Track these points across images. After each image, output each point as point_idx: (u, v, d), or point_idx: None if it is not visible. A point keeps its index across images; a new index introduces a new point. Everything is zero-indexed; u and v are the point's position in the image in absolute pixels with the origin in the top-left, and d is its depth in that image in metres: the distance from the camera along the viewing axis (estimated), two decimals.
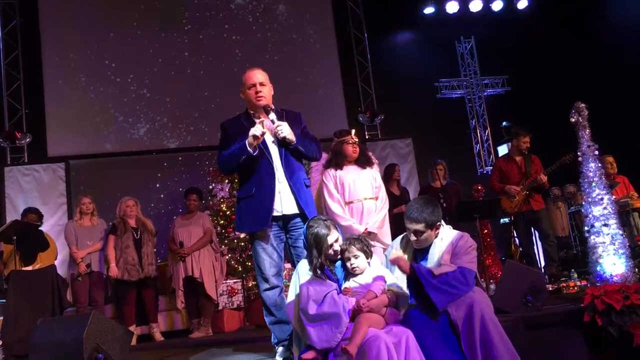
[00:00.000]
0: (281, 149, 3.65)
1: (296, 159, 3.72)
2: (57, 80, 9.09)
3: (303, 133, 3.79)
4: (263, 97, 3.68)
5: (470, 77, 11.19)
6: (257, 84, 3.69)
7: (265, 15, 10.12)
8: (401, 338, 2.85)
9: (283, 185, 3.61)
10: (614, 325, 3.64)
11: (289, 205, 3.61)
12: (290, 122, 3.68)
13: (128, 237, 6.30)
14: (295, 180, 3.65)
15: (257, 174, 3.63)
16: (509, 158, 6.80)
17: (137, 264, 6.22)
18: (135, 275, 6.19)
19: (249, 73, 3.74)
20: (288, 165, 3.65)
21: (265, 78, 3.74)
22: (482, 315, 2.90)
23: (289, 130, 3.57)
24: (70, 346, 3.48)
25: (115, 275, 6.17)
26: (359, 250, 3.15)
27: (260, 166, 3.62)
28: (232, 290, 6.93)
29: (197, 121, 9.48)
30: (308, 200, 3.68)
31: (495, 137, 10.90)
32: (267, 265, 3.61)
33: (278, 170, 3.62)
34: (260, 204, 3.59)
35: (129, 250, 6.23)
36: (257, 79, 3.70)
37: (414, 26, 11.02)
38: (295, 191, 3.61)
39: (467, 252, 3.15)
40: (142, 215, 6.63)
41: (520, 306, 4.13)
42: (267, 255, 3.62)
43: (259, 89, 3.68)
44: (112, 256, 6.26)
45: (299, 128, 3.77)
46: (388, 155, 9.68)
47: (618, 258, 4.25)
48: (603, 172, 4.54)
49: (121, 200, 6.57)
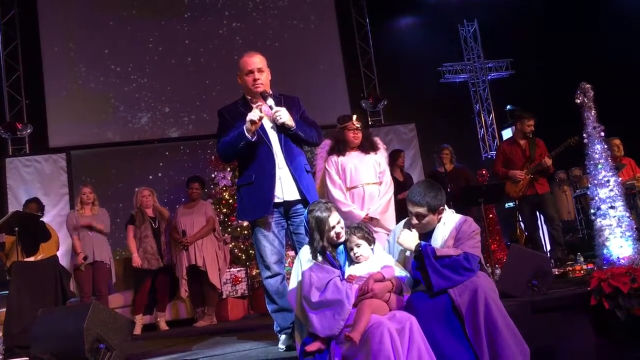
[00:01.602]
0: (280, 135, 3.59)
1: (296, 144, 3.66)
2: (57, 70, 9.05)
3: (302, 118, 3.72)
4: (260, 84, 3.60)
5: (474, 61, 11.09)
6: (254, 70, 3.61)
7: (266, 1, 10.03)
8: (405, 324, 2.81)
9: (283, 171, 3.55)
10: (621, 309, 3.59)
11: (290, 191, 3.55)
12: (289, 107, 3.61)
13: (146, 227, 6.41)
14: (296, 165, 3.59)
15: (257, 160, 3.57)
16: (513, 142, 6.71)
17: (157, 253, 6.34)
18: (155, 264, 6.32)
19: (246, 59, 3.65)
20: (288, 150, 3.58)
21: (263, 63, 3.65)
22: (486, 300, 2.85)
23: (287, 115, 3.50)
24: (71, 336, 3.45)
25: (138, 264, 6.26)
26: (361, 238, 3.12)
27: (259, 152, 3.56)
28: (236, 278, 6.90)
29: (198, 110, 9.43)
30: (309, 186, 3.62)
31: (500, 121, 10.82)
32: (268, 253, 3.57)
33: (278, 156, 3.56)
34: (261, 190, 3.53)
35: (147, 240, 6.34)
36: (254, 64, 3.61)
37: (416, 10, 10.91)
38: (297, 177, 3.55)
39: (471, 236, 3.09)
40: (159, 204, 6.69)
41: (526, 290, 4.09)
42: (268, 243, 3.57)
43: (256, 75, 3.60)
44: (133, 246, 6.37)
45: (298, 113, 3.70)
46: (391, 141, 9.62)
47: (625, 240, 4.21)
48: (609, 153, 4.48)
49: (137, 191, 6.66)
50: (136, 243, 6.37)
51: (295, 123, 3.56)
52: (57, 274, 5.22)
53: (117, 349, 3.58)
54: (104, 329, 3.56)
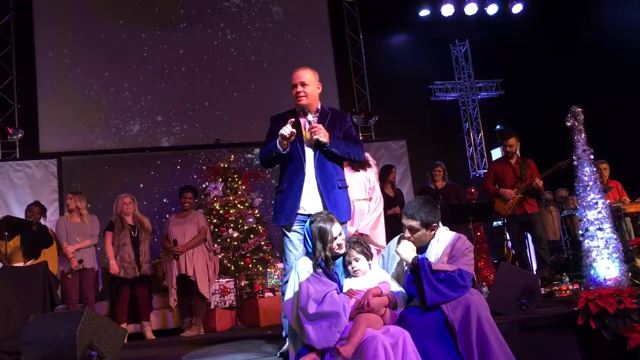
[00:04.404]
0: (316, 150, 3.71)
1: (333, 160, 3.76)
2: (50, 76, 9.02)
3: (345, 134, 3.83)
4: (303, 97, 3.76)
5: (465, 80, 11.23)
6: (297, 83, 3.78)
7: (261, 15, 10.11)
8: (398, 339, 2.85)
9: (312, 186, 3.68)
10: (608, 329, 3.65)
11: (315, 206, 3.65)
12: (333, 122, 3.79)
13: (125, 234, 6.34)
14: (327, 181, 3.69)
15: (291, 171, 3.75)
16: (504, 161, 6.81)
17: (134, 262, 6.26)
18: (132, 273, 6.24)
19: (294, 72, 3.84)
20: (321, 166, 3.70)
21: (309, 78, 3.80)
22: (478, 317, 2.91)
23: (323, 132, 3.62)
24: (64, 343, 3.44)
25: (115, 272, 6.20)
26: (360, 253, 3.18)
27: (293, 165, 3.74)
28: (225, 289, 6.90)
29: (191, 119, 9.45)
30: (338, 202, 3.69)
31: (489, 141, 10.94)
32: (291, 258, 3.69)
33: (309, 171, 3.70)
34: (288, 200, 3.71)
35: (125, 248, 6.27)
36: (298, 78, 3.79)
37: (409, 28, 11.04)
38: (324, 192, 3.66)
39: (465, 254, 3.16)
40: (140, 213, 6.64)
41: (514, 309, 4.14)
42: (293, 248, 3.69)
43: (299, 89, 3.77)
44: (110, 253, 6.29)
45: (342, 129, 3.83)
46: (382, 157, 9.70)
47: (612, 262, 4.27)
48: (598, 176, 4.56)
49: (118, 197, 6.60)
50: (114, 250, 6.29)
51: (334, 139, 3.68)
52: (45, 279, 5.19)
53: (109, 357, 3.57)
54: (96, 336, 3.55)
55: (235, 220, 7.54)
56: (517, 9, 10.80)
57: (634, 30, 9.19)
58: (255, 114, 8.79)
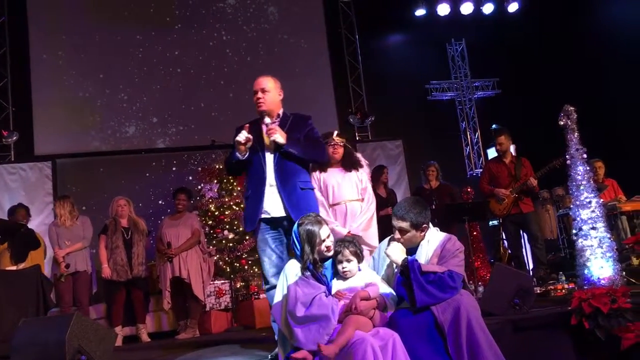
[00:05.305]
0: (276, 153, 3.75)
1: (295, 162, 3.78)
2: (45, 78, 8.99)
3: (306, 136, 3.87)
4: (262, 104, 3.85)
5: (461, 80, 11.20)
6: (258, 90, 3.87)
7: (256, 16, 10.08)
8: (388, 341, 2.83)
9: (273, 189, 3.72)
10: (601, 329, 3.63)
11: (277, 208, 3.70)
12: (294, 126, 3.84)
13: (118, 237, 6.34)
14: (287, 183, 3.71)
15: (253, 177, 3.83)
16: (499, 160, 6.79)
17: (126, 265, 6.25)
18: (124, 276, 6.23)
19: (255, 80, 3.93)
20: (281, 169, 3.74)
21: (270, 85, 3.90)
22: (468, 319, 2.89)
23: (279, 134, 3.68)
24: (53, 347, 3.42)
25: (107, 276, 6.20)
26: (352, 254, 3.16)
27: (255, 169, 3.80)
28: (220, 291, 6.88)
29: (186, 121, 9.42)
30: (300, 203, 3.70)
31: (485, 140, 10.92)
32: (266, 266, 3.75)
33: (270, 174, 3.74)
34: (252, 205, 3.76)
35: (118, 251, 6.27)
36: (258, 85, 3.88)
37: (405, 28, 11.01)
38: (284, 194, 3.68)
39: (455, 255, 3.13)
40: (135, 215, 6.62)
41: (508, 309, 4.12)
42: (266, 256, 3.75)
43: (259, 95, 3.87)
44: (103, 257, 6.31)
45: (302, 131, 3.87)
46: (378, 157, 9.68)
47: (605, 261, 4.24)
48: (591, 175, 4.53)
49: (113, 200, 6.61)
50: (107, 254, 6.30)
51: (293, 141, 3.72)
52: (39, 283, 5.17)
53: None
54: (86, 341, 3.53)
55: (230, 221, 7.52)
56: (513, 7, 10.80)
57: (628, 30, 9.17)
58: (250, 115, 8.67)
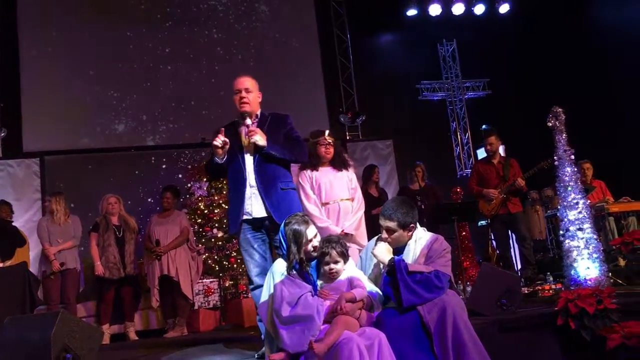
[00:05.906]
0: (255, 155, 3.74)
1: (275, 163, 3.77)
2: (34, 75, 8.90)
3: (286, 135, 3.84)
4: (246, 104, 3.79)
5: (452, 80, 11.22)
6: (242, 89, 3.80)
7: (247, 14, 10.05)
8: (374, 341, 2.83)
9: (254, 190, 3.72)
10: (587, 329, 3.66)
11: (258, 209, 3.70)
12: (273, 126, 3.80)
13: (110, 235, 6.32)
14: (267, 184, 3.71)
15: (233, 179, 3.82)
16: (487, 161, 6.81)
17: (119, 263, 6.25)
18: (116, 274, 6.23)
19: (237, 79, 3.86)
20: (261, 170, 3.73)
21: (252, 85, 3.85)
22: (454, 318, 2.90)
23: (259, 136, 3.65)
24: (38, 346, 3.38)
25: (100, 273, 6.18)
26: (339, 255, 3.14)
27: (235, 172, 3.79)
28: (209, 289, 6.87)
29: (176, 119, 9.38)
30: (280, 204, 3.70)
31: (476, 140, 10.96)
32: (250, 266, 3.75)
33: (250, 176, 3.73)
34: (234, 207, 3.77)
35: (110, 249, 6.26)
36: (242, 84, 3.81)
37: (397, 28, 11.02)
38: (264, 195, 3.69)
39: (442, 255, 3.15)
40: (125, 213, 6.60)
41: (495, 309, 4.13)
42: (249, 256, 3.76)
43: (243, 94, 3.79)
44: (95, 255, 6.29)
45: (282, 131, 3.84)
46: (368, 156, 9.69)
47: (592, 262, 4.29)
48: (579, 176, 4.57)
49: (103, 198, 6.56)
50: (99, 251, 6.28)
51: (274, 142, 3.70)
52: (26, 280, 5.15)
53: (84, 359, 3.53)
54: (72, 339, 3.50)
55: (219, 220, 7.50)
56: (504, 9, 10.85)
57: (619, 31, 9.24)
58: None
